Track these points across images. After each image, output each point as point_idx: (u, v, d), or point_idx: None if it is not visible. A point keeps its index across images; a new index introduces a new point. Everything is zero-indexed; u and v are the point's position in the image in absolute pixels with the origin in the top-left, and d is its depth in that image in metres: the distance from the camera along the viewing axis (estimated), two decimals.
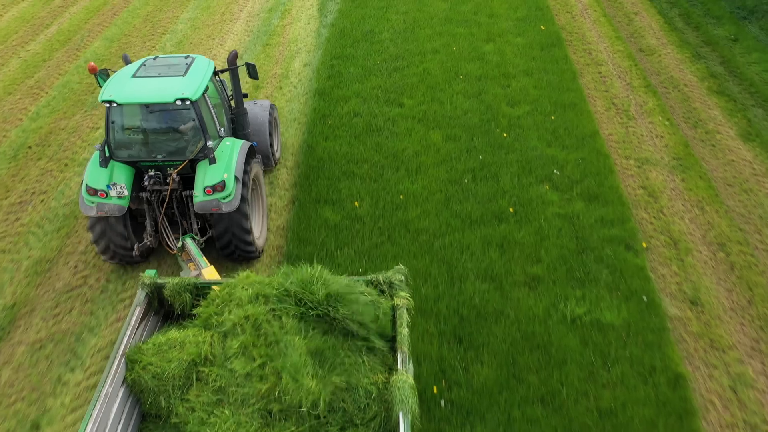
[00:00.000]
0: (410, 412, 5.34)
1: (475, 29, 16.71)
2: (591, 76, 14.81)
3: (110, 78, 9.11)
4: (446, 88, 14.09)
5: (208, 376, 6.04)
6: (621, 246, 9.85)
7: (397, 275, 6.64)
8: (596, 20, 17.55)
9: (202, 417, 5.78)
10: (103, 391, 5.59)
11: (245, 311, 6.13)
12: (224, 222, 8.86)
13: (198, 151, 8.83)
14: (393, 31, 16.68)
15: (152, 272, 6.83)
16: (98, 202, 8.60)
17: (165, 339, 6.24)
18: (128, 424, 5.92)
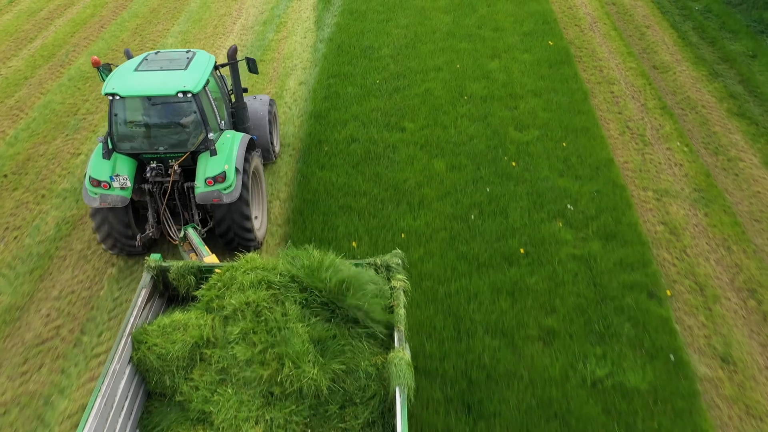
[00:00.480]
0: (407, 387, 5.48)
1: (480, 44, 15.85)
2: (603, 97, 13.95)
3: (113, 71, 9.16)
4: (450, 110, 13.23)
5: (210, 357, 6.13)
6: (643, 293, 8.99)
7: (395, 259, 6.76)
8: (606, 34, 16.69)
9: (206, 395, 5.93)
10: (111, 368, 5.71)
11: (246, 297, 6.15)
12: (225, 212, 8.94)
13: (199, 143, 8.93)
14: (393, 47, 15.81)
15: (157, 256, 6.91)
16: (101, 194, 8.67)
17: (169, 321, 6.32)
18: (134, 400, 6.05)
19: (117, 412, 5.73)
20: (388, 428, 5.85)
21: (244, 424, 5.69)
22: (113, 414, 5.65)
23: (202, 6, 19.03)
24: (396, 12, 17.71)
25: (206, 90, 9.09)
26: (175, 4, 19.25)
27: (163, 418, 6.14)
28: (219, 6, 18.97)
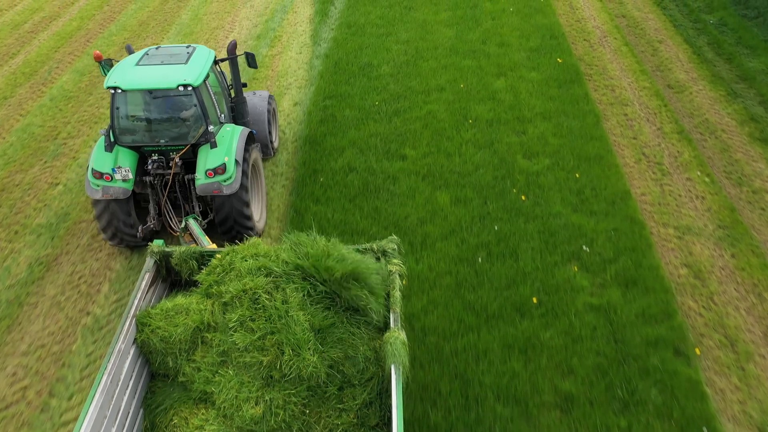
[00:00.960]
0: (401, 365, 5.56)
1: (485, 61, 14.99)
2: (616, 119, 13.08)
3: (115, 66, 9.26)
4: (454, 135, 12.36)
5: (212, 340, 6.21)
6: (669, 351, 8.14)
7: (390, 244, 6.88)
8: (617, 50, 15.83)
9: (207, 376, 6.02)
10: (116, 348, 5.81)
11: (243, 284, 6.17)
12: (225, 203, 9.01)
13: (199, 136, 9.04)
14: (393, 64, 14.94)
15: (160, 242, 6.95)
16: (103, 186, 8.76)
17: (172, 305, 6.40)
18: (138, 380, 6.15)
19: (122, 391, 5.84)
20: (385, 408, 5.94)
21: (244, 404, 5.78)
22: (118, 392, 5.74)
23: (194, 19, 18.15)
24: (396, 26, 16.85)
25: (206, 84, 9.18)
26: (165, 17, 18.37)
27: (166, 397, 6.23)
28: (211, 19, 18.10)
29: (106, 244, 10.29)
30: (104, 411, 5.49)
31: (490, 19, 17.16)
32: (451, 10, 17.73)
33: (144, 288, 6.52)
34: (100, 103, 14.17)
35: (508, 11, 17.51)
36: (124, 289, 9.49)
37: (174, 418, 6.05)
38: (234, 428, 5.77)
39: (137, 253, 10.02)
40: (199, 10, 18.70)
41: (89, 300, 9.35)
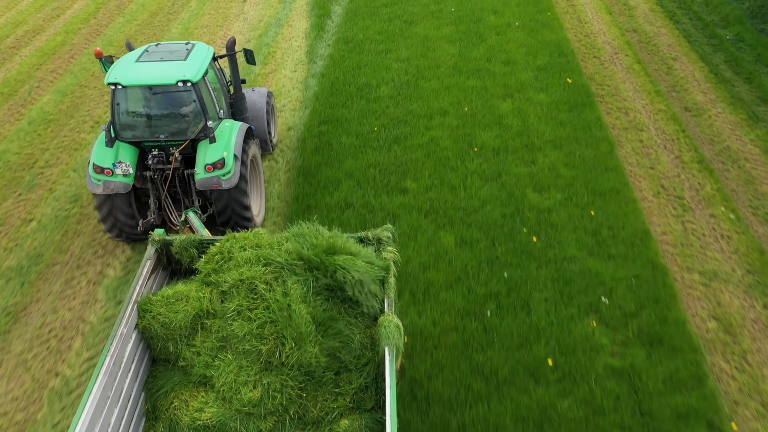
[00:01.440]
0: (395, 347, 5.70)
1: (490, 81, 14.10)
2: (631, 146, 12.20)
3: (115, 63, 9.26)
4: (458, 165, 11.48)
5: (211, 327, 6.28)
6: (702, 425, 7.25)
7: (385, 232, 6.98)
8: (629, 68, 14.93)
9: (207, 360, 6.10)
10: (118, 332, 5.89)
11: (240, 274, 6.22)
12: (224, 198, 9.09)
13: (199, 131, 9.09)
14: (393, 84, 14.06)
15: (161, 231, 6.99)
16: (104, 180, 8.80)
17: (172, 292, 6.43)
18: (140, 364, 6.23)
19: (124, 374, 5.90)
20: (381, 393, 6.04)
21: (242, 388, 5.89)
22: (120, 374, 5.81)
23: (184, 33, 17.25)
24: (396, 41, 15.95)
25: (205, 80, 9.25)
26: (154, 31, 17.46)
27: (167, 381, 6.28)
28: (202, 33, 17.19)
29: (80, 290, 9.45)
30: (107, 392, 5.58)
31: (495, 34, 16.27)
32: (453, 24, 16.83)
33: (146, 274, 6.58)
34: (81, 126, 13.27)
35: (513, 26, 16.62)
36: (98, 345, 8.61)
37: (174, 400, 6.13)
38: (233, 410, 5.90)
39: (113, 302, 9.14)
40: (190, 24, 17.80)
41: (59, 358, 8.47)
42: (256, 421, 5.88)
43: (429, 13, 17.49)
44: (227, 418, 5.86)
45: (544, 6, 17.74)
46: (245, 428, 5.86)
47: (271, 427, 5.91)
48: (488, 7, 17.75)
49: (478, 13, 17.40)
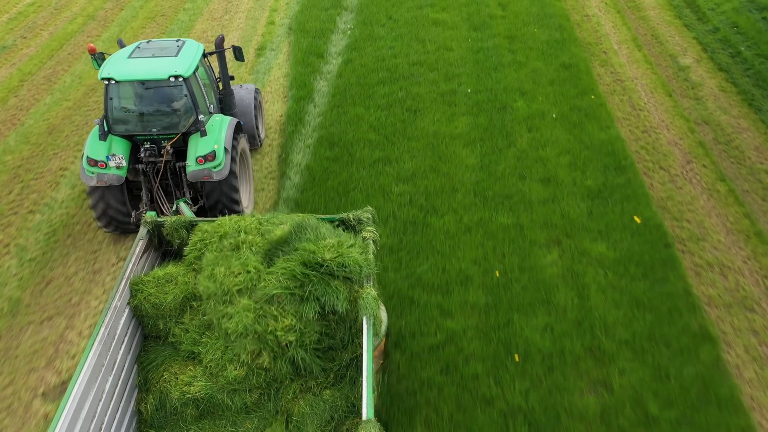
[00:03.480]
0: (372, 317, 5.75)
1: (526, 216, 10.01)
2: (748, 352, 8.08)
3: (108, 59, 9.25)
4: (493, 395, 7.36)
5: (198, 308, 6.43)
6: None
7: (366, 214, 6.93)
8: (711, 189, 10.80)
9: (195, 338, 6.27)
10: (112, 305, 6.04)
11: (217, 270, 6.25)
12: (215, 189, 9.15)
13: (190, 125, 9.14)
14: (393, 225, 9.92)
15: (153, 213, 7.03)
16: (98, 173, 8.82)
17: (163, 273, 6.52)
18: (133, 339, 6.38)
19: (117, 345, 6.01)
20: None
21: (229, 365, 5.97)
22: (114, 345, 5.94)
23: None
24: (397, 144, 11.83)
25: (196, 75, 9.26)
26: None
27: (158, 355, 6.40)
28: None
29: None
30: (102, 360, 5.66)
31: (526, 130, 12.16)
32: (471, 113, 12.72)
33: (138, 253, 6.64)
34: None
35: (548, 117, 12.50)
36: None
37: (165, 373, 6.23)
38: (219, 385, 6.01)
39: None
40: None
41: None
42: (242, 394, 6.05)
43: (438, 95, 13.36)
44: (214, 391, 6.01)
45: (584, 84, 13.62)
46: (231, 401, 6.02)
47: (256, 399, 6.10)
48: (514, 85, 13.63)
49: (501, 95, 13.28)
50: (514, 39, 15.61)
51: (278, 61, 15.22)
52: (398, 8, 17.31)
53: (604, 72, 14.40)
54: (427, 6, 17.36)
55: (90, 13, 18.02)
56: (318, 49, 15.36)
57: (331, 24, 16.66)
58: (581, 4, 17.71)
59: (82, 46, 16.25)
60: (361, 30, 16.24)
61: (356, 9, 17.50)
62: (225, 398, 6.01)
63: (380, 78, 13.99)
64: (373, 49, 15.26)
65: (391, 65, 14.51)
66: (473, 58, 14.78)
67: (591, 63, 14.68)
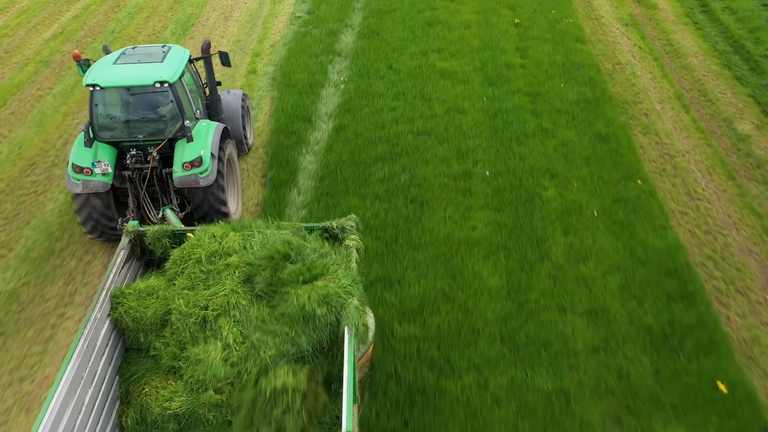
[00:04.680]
0: (354, 326, 5.59)
1: (571, 377, 7.39)
2: None
3: (93, 65, 9.10)
4: None
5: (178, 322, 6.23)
6: None
7: (349, 222, 6.78)
8: None
9: (175, 352, 6.03)
10: (93, 316, 5.87)
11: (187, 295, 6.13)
12: (202, 195, 8.93)
13: (176, 131, 8.95)
14: (397, 392, 7.28)
15: (135, 222, 6.88)
16: (84, 180, 8.62)
17: (144, 286, 6.33)
18: (114, 349, 6.19)
19: (98, 356, 5.85)
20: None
21: (208, 383, 5.78)
22: (95, 357, 5.78)
23: None
24: (399, 254, 9.18)
25: (182, 81, 9.07)
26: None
27: (140, 367, 6.21)
28: None
29: None
30: (81, 372, 5.52)
31: (561, 232, 9.54)
32: (491, 206, 10.08)
33: (119, 264, 6.47)
34: None
35: (587, 212, 9.88)
36: None
37: (146, 386, 6.05)
38: (200, 401, 5.80)
39: None
40: None
41: None
42: (224, 411, 5.79)
43: (450, 180, 10.71)
44: (195, 407, 5.82)
45: (627, 163, 10.99)
46: (213, 417, 5.82)
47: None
48: (541, 164, 10.99)
49: (527, 179, 10.64)
50: (537, 97, 12.98)
51: (258, 125, 12.57)
52: (400, 54, 14.66)
53: (648, 143, 11.77)
54: (433, 52, 14.71)
55: (44, 58, 15.36)
56: (305, 110, 12.72)
57: (322, 75, 14.01)
58: (611, 49, 15.05)
59: (30, 102, 13.61)
60: (356, 84, 13.59)
61: (351, 55, 14.85)
62: (206, 414, 5.83)
63: (379, 153, 11.35)
64: (370, 111, 12.61)
65: (391, 134, 11.87)
66: (490, 123, 12.14)
67: (631, 130, 12.05)
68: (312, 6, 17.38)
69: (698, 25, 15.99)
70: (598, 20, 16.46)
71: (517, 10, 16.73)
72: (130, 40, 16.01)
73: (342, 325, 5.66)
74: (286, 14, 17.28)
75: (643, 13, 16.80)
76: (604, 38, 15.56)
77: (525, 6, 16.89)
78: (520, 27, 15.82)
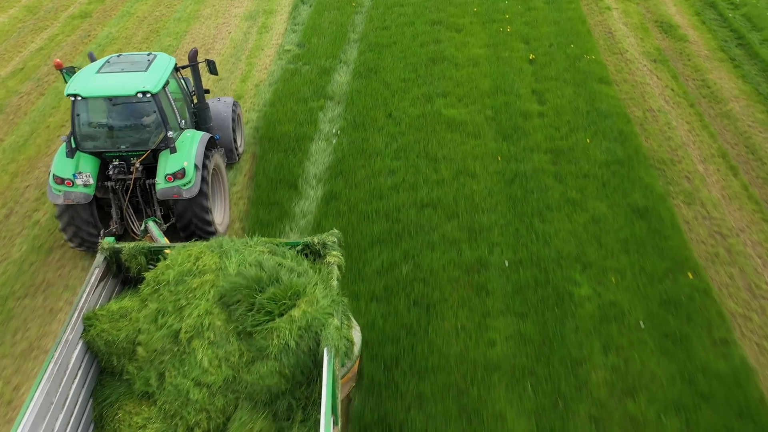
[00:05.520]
0: (334, 348, 5.32)
1: None
2: None
3: (76, 74, 8.92)
4: None
5: None
6: None
7: (331, 237, 6.55)
8: None
9: (147, 377, 5.75)
10: (63, 338, 5.61)
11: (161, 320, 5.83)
12: (186, 207, 8.76)
13: (159, 142, 8.77)
14: None
15: (111, 239, 6.59)
16: (65, 191, 8.47)
17: (117, 308, 6.09)
18: (87, 372, 5.92)
19: (70, 380, 5.60)
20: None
21: (182, 409, 5.52)
22: (66, 380, 5.52)
23: None
24: (401, 385, 7.21)
25: (166, 90, 8.89)
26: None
27: (113, 391, 5.98)
28: None
29: None
30: (51, 397, 5.28)
31: (600, 350, 7.62)
32: (511, 311, 8.14)
33: (93, 282, 6.20)
34: None
35: (631, 321, 7.96)
36: None
37: (119, 411, 5.81)
38: (176, 428, 5.55)
39: None
40: None
41: None
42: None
43: (461, 272, 8.77)
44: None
45: (673, 249, 9.06)
46: None
47: None
48: (569, 249, 9.06)
49: (554, 270, 8.71)
50: (559, 156, 11.06)
51: (236, 190, 10.66)
52: (400, 99, 12.72)
53: (693, 218, 9.85)
54: (437, 96, 12.77)
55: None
56: (291, 172, 10.79)
57: (311, 126, 12.07)
58: (640, 92, 13.12)
59: None
60: (350, 137, 11.66)
61: (345, 99, 12.92)
62: None
63: (376, 233, 9.44)
64: (366, 174, 10.69)
65: (391, 207, 9.95)
66: (506, 192, 10.23)
67: (672, 199, 10.15)
68: (303, 37, 15.43)
69: (735, 62, 14.05)
70: (622, 55, 14.52)
71: (531, 42, 14.79)
72: None
73: (321, 347, 5.34)
74: (273, 46, 15.34)
75: (672, 47, 14.85)
76: (631, 78, 13.62)
77: (540, 38, 14.95)
78: (535, 64, 13.89)
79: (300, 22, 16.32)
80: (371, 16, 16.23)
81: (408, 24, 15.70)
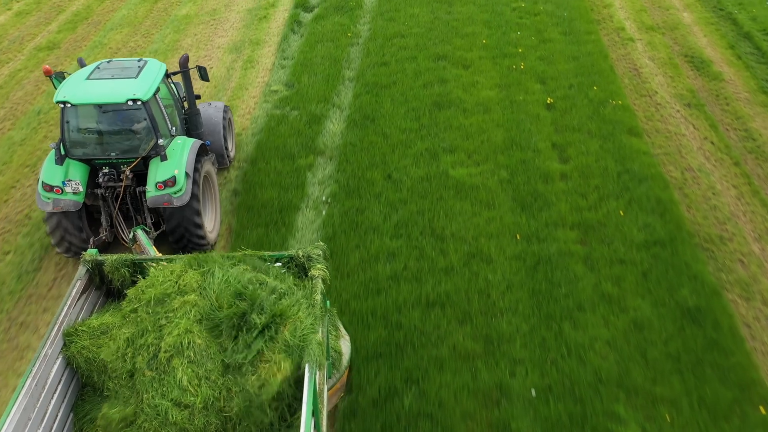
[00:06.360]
0: (315, 363, 5.27)
1: None
2: None
3: (65, 80, 8.75)
4: None
5: None
6: None
7: (316, 250, 6.36)
8: None
9: (127, 395, 5.60)
10: (42, 353, 5.44)
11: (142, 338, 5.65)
12: (176, 216, 8.65)
13: (150, 149, 8.63)
14: None
15: (94, 251, 6.39)
16: (54, 198, 8.35)
17: (98, 324, 5.89)
18: (68, 385, 5.75)
19: (49, 394, 5.44)
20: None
21: (163, 428, 5.35)
22: (45, 396, 5.37)
23: None
24: None
25: (156, 97, 8.71)
26: None
27: (93, 407, 5.77)
28: None
29: None
30: (28, 413, 5.13)
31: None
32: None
33: (75, 295, 6.02)
34: None
35: None
36: None
37: (99, 429, 5.62)
38: None
39: None
40: None
41: None
42: None
43: (478, 404, 6.95)
44: None
45: (736, 368, 7.29)
46: None
47: None
48: (610, 368, 7.27)
49: (592, 402, 6.90)
50: (588, 233, 9.28)
51: None
52: (401, 155, 10.94)
53: (754, 319, 8.09)
54: (444, 152, 10.99)
55: None
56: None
57: (298, 191, 10.30)
58: (676, 145, 11.33)
59: None
60: (343, 207, 9.88)
61: (338, 154, 11.13)
62: None
63: (372, 344, 7.66)
64: (360, 259, 8.92)
65: (390, 306, 8.17)
66: (529, 285, 8.45)
67: (728, 293, 8.37)
68: (292, 75, 13.63)
69: None
70: (651, 98, 12.72)
71: (548, 83, 12.99)
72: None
73: (303, 363, 5.24)
74: (259, 85, 13.54)
75: (707, 87, 13.05)
76: (664, 127, 11.83)
77: (557, 77, 13.15)
78: (554, 110, 12.10)
79: (289, 56, 14.51)
80: (368, 49, 14.41)
81: (409, 59, 13.89)
